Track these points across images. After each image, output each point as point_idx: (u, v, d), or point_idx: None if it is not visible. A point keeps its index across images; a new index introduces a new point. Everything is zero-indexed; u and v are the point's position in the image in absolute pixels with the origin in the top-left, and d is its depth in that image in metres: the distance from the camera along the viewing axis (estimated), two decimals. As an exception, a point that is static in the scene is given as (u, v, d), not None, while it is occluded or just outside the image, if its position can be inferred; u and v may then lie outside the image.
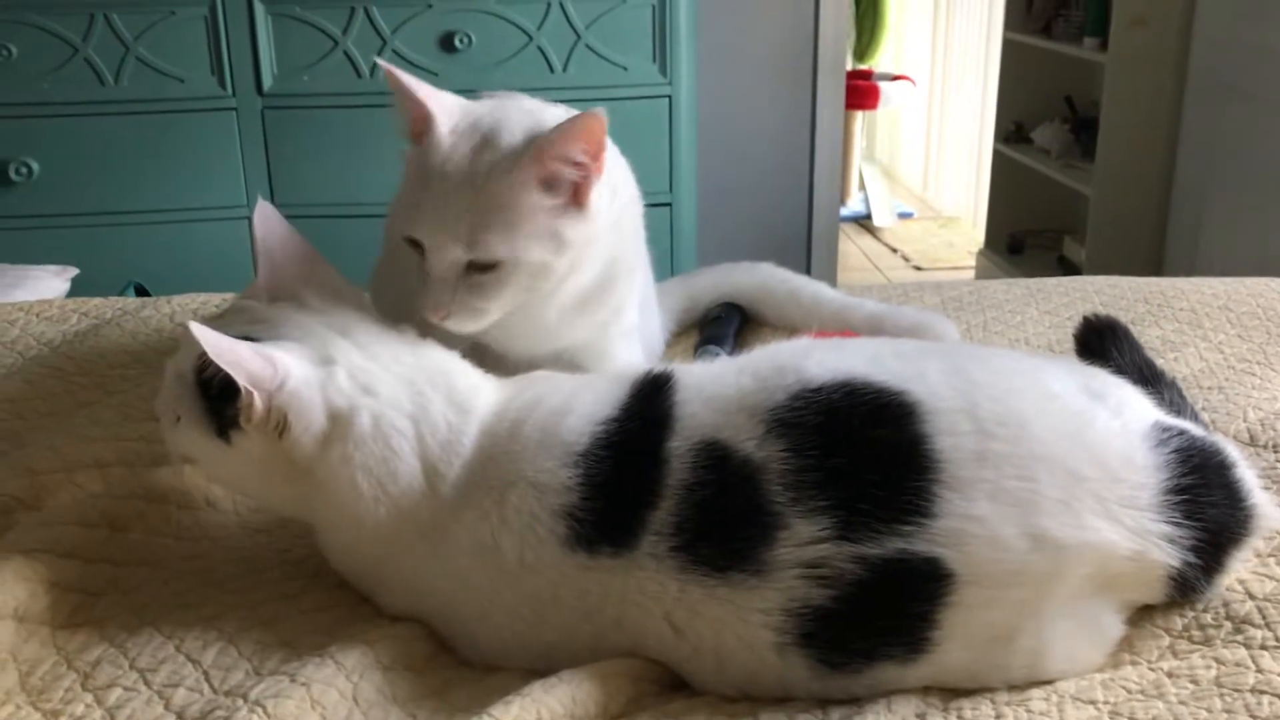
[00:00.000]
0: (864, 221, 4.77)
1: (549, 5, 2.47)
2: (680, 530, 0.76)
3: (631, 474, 0.79)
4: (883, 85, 4.70)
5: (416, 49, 2.48)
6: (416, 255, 0.93)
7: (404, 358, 0.87)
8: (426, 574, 0.83)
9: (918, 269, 4.32)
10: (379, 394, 0.84)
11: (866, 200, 4.83)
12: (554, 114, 0.96)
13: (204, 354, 0.81)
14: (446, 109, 0.92)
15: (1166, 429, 0.80)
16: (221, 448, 0.84)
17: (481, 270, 0.92)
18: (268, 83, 2.47)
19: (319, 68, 2.48)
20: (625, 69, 2.53)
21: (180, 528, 0.96)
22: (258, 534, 0.97)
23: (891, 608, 0.73)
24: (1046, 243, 3.88)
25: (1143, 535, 0.74)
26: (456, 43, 2.47)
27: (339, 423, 0.82)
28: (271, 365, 0.81)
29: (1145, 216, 3.28)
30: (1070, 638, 0.75)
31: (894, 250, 4.49)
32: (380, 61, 0.91)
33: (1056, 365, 0.85)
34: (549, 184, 0.91)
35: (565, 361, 1.04)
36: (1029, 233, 3.97)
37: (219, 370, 0.80)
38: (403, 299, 0.96)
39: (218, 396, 0.82)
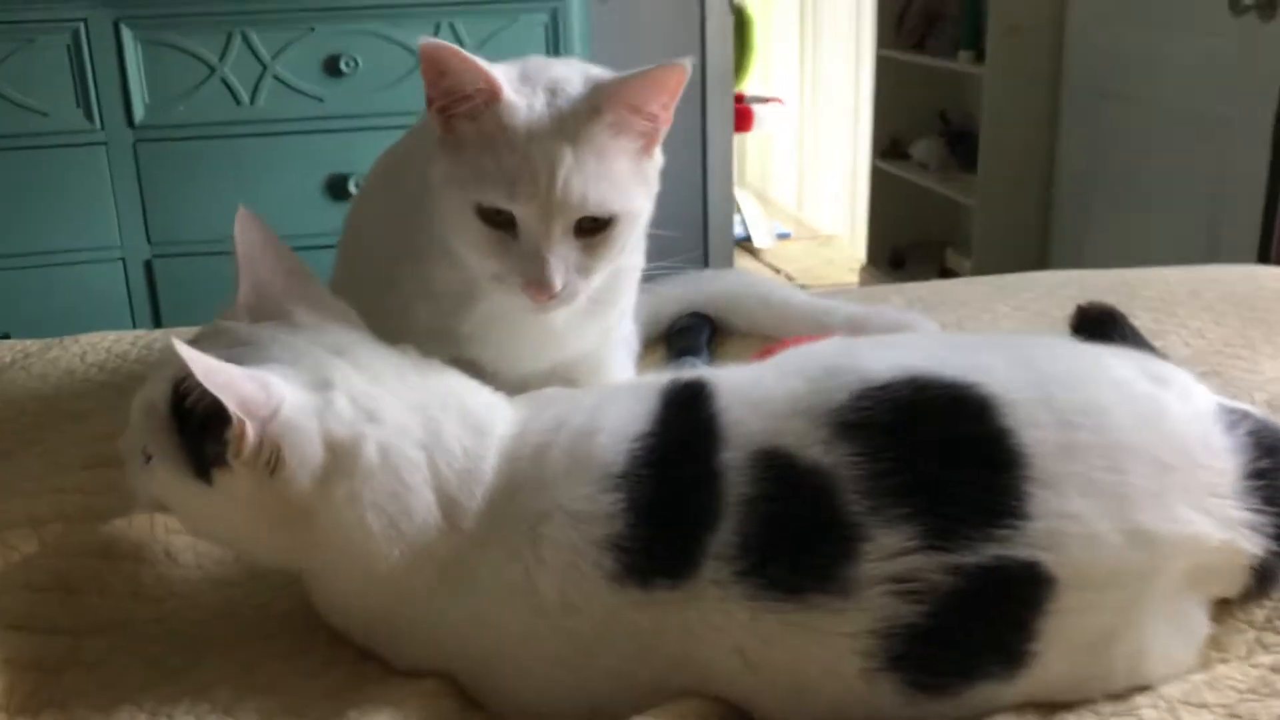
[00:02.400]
0: (744, 244, 4.77)
1: (438, 25, 2.39)
2: (746, 552, 0.68)
3: (682, 493, 0.70)
4: (755, 108, 4.72)
5: (299, 74, 2.36)
6: (491, 234, 0.84)
7: (410, 379, 0.77)
8: (449, 621, 0.74)
9: (804, 287, 4.34)
10: (385, 421, 0.74)
11: (744, 223, 4.84)
12: (579, 65, 0.89)
13: (181, 381, 0.71)
14: (499, 70, 0.84)
15: (1232, 411, 0.76)
16: (201, 490, 0.72)
17: (589, 231, 0.84)
18: (139, 114, 2.32)
19: (195, 96, 2.34)
20: (520, 89, 2.45)
21: (140, 586, 0.84)
22: (228, 587, 0.86)
23: (990, 620, 0.66)
24: (928, 255, 3.93)
25: (1230, 525, 0.70)
26: (342, 66, 2.36)
27: (341, 456, 0.72)
28: (264, 390, 0.71)
29: (1028, 223, 3.34)
30: (1167, 638, 0.70)
31: (777, 270, 4.50)
32: (422, 39, 0.82)
33: (1110, 350, 0.81)
34: (630, 130, 0.85)
35: (559, 377, 0.95)
36: (910, 246, 4.02)
37: (200, 399, 0.69)
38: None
39: (197, 430, 0.71)
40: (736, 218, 4.79)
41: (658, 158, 0.88)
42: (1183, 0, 2.64)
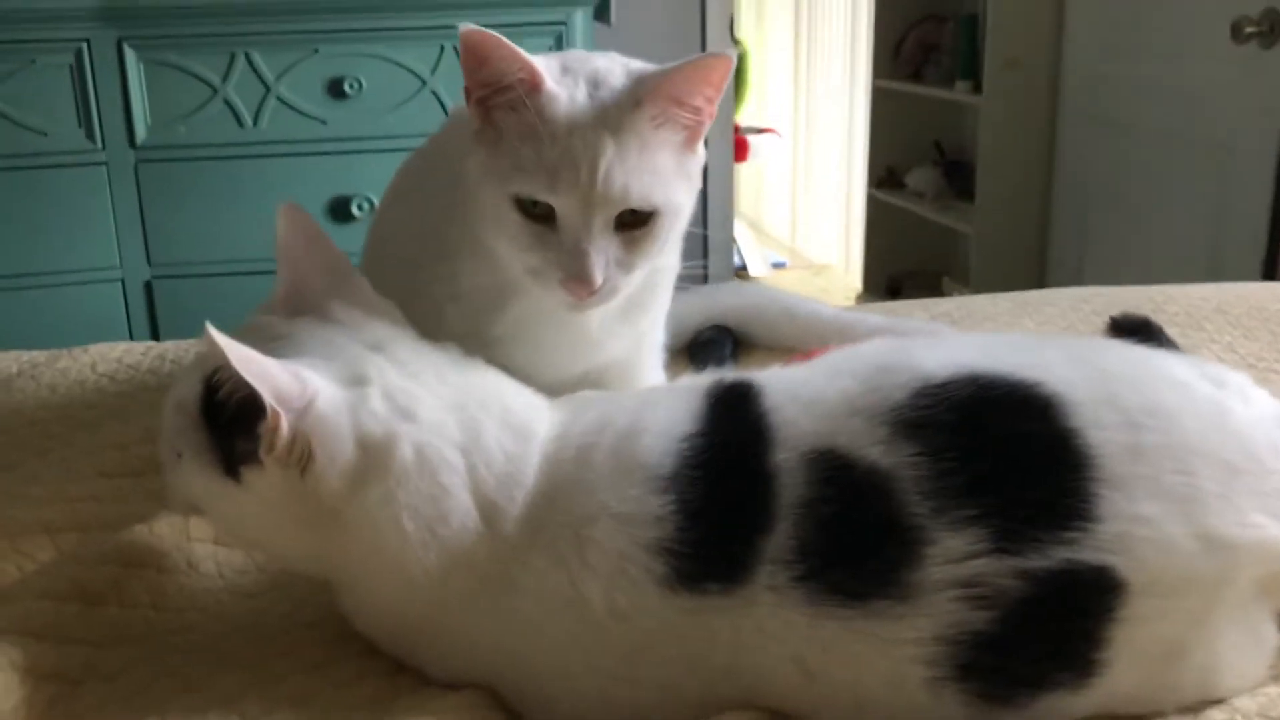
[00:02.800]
0: (740, 273, 4.77)
1: (442, 48, 2.38)
2: (803, 555, 0.65)
3: (734, 495, 0.68)
4: (750, 138, 4.74)
5: (303, 95, 2.34)
6: (530, 228, 0.82)
7: (450, 377, 0.75)
8: (489, 630, 0.71)
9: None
10: (420, 419, 0.71)
11: (739, 252, 4.84)
12: (620, 58, 0.87)
13: (212, 375, 0.69)
14: (540, 61, 0.82)
15: None
16: (231, 489, 0.70)
17: (630, 226, 0.82)
18: (141, 135, 2.30)
19: (197, 117, 2.32)
20: (523, 112, 2.44)
21: (161, 596, 0.81)
22: (250, 599, 0.83)
23: (1060, 627, 0.64)
24: (924, 284, 3.93)
25: None
26: (346, 88, 2.34)
27: (375, 455, 0.70)
28: (299, 381, 0.68)
29: (1026, 251, 3.34)
30: (1238, 649, 0.68)
31: (772, 299, 4.50)
32: (463, 26, 0.80)
33: (1168, 352, 0.79)
34: (673, 123, 0.83)
35: (590, 383, 0.93)
36: (906, 275, 4.02)
37: (233, 393, 0.67)
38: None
39: (228, 426, 0.69)
40: (732, 246, 4.80)
41: (700, 153, 0.86)
42: (1183, 29, 2.65)
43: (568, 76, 0.82)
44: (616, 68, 0.84)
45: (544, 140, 0.80)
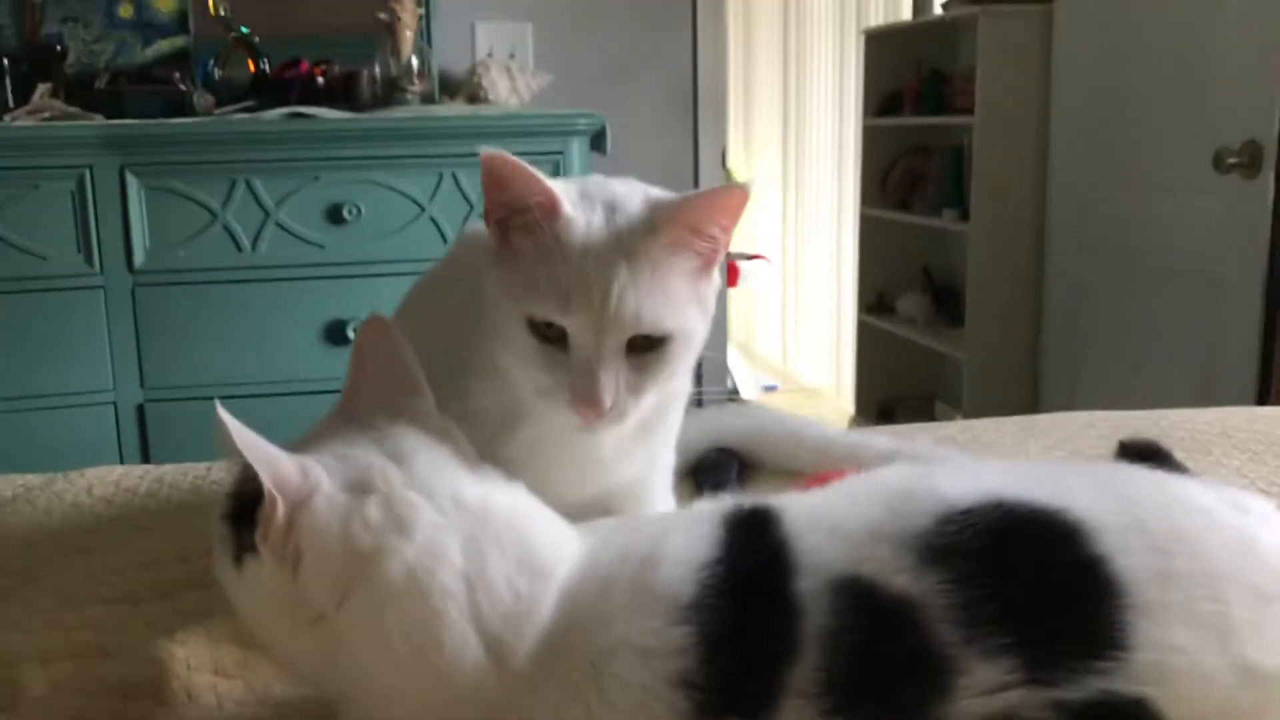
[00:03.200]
0: (731, 396, 4.78)
1: (440, 176, 2.41)
2: (830, 689, 0.63)
3: (757, 625, 0.66)
4: (741, 264, 4.79)
5: (302, 220, 2.37)
6: (542, 348, 0.82)
7: (469, 502, 0.73)
8: None
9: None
10: (414, 537, 0.68)
11: (731, 376, 4.86)
12: (639, 186, 0.88)
13: (244, 467, 0.68)
14: (559, 185, 0.83)
15: None
16: (235, 576, 0.69)
17: (642, 350, 0.82)
18: (139, 259, 2.31)
19: (196, 242, 2.34)
20: (520, 239, 2.46)
21: (158, 731, 0.79)
22: (251, 733, 0.80)
23: None
24: (916, 408, 3.94)
25: None
26: (345, 214, 2.37)
27: (361, 565, 0.67)
28: (303, 473, 0.67)
29: (1018, 376, 3.37)
30: None
31: (763, 423, 4.50)
32: (484, 150, 0.81)
33: (1185, 478, 0.78)
34: (687, 250, 0.83)
35: (601, 505, 0.92)
36: (898, 399, 4.04)
37: (249, 481, 0.66)
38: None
39: (242, 514, 0.68)
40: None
41: (715, 280, 0.87)
42: (1166, 161, 2.71)
43: (585, 201, 0.83)
44: (635, 194, 0.85)
45: (558, 263, 0.81)
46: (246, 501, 0.69)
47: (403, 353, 0.79)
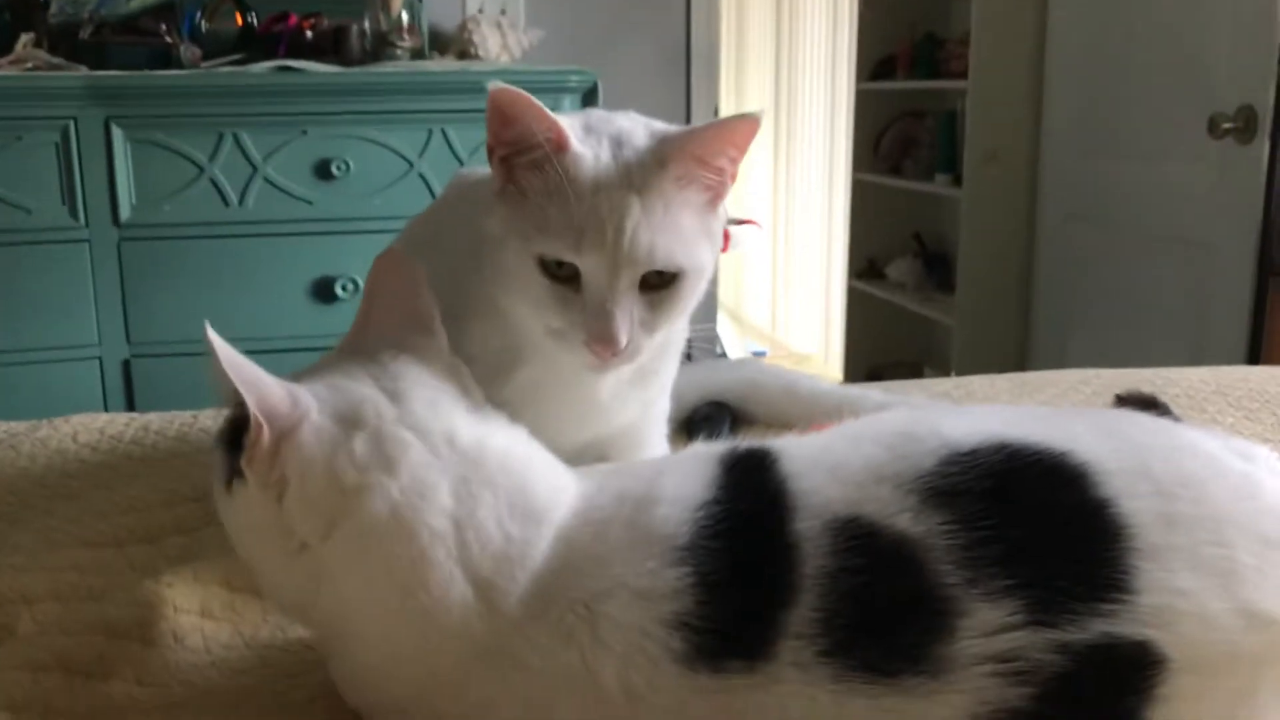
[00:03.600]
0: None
1: (430, 131, 2.39)
2: (829, 630, 0.62)
3: (754, 566, 0.65)
4: (731, 229, 4.77)
5: (290, 176, 2.34)
6: (554, 288, 0.81)
7: (463, 441, 0.71)
8: (493, 706, 0.67)
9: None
10: (401, 476, 0.67)
11: (719, 343, 4.85)
12: (641, 119, 0.87)
13: (237, 391, 0.66)
14: (564, 120, 0.81)
15: None
16: (228, 502, 0.69)
17: (655, 287, 0.81)
18: (125, 213, 2.29)
19: (183, 196, 2.31)
20: (511, 197, 2.44)
21: (145, 670, 0.77)
22: (239, 675, 0.79)
23: (1100, 704, 0.61)
24: (905, 374, 3.93)
25: None
26: (333, 169, 2.34)
27: (344, 499, 0.67)
28: (292, 401, 0.67)
29: (1007, 342, 3.36)
30: None
31: (752, 388, 4.49)
32: (493, 84, 0.79)
33: (1190, 426, 0.78)
34: (696, 183, 0.81)
35: (596, 451, 0.91)
36: (887, 365, 4.03)
37: (245, 409, 0.66)
38: None
39: (234, 439, 0.68)
40: (711, 337, 4.80)
41: (723, 213, 0.85)
42: (1160, 126, 2.70)
43: (591, 136, 0.82)
44: (639, 128, 0.84)
45: (570, 200, 0.79)
46: (239, 426, 0.68)
47: (418, 290, 0.78)
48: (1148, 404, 0.98)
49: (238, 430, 0.68)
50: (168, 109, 2.29)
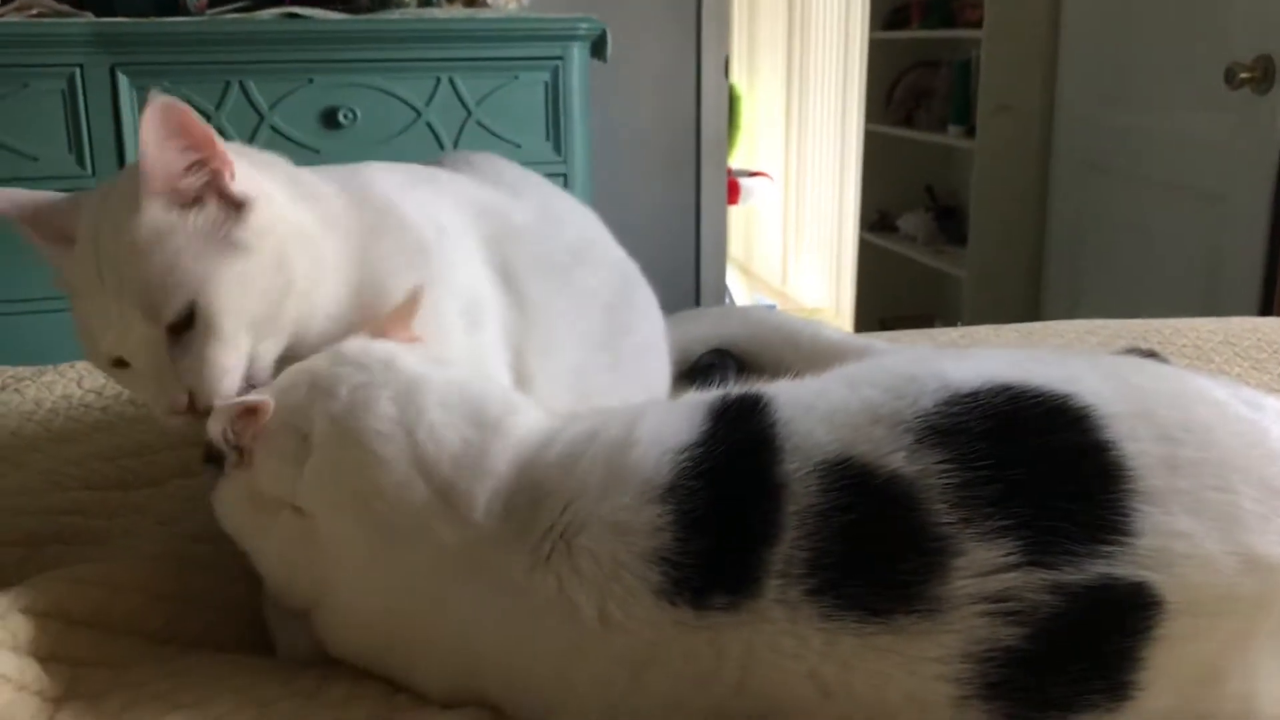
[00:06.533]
0: (729, 314, 4.77)
1: (438, 80, 2.37)
2: (817, 568, 0.62)
3: (737, 505, 0.65)
4: (742, 181, 4.75)
5: (297, 125, 2.33)
6: (123, 376, 0.80)
7: (403, 364, 0.75)
8: (474, 627, 0.68)
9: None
10: (340, 395, 0.72)
11: (729, 296, 4.83)
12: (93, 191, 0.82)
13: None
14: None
15: None
16: (222, 504, 0.75)
17: (179, 331, 0.76)
18: (132, 161, 2.27)
19: (190, 145, 2.30)
20: (519, 146, 2.43)
21: (144, 622, 0.78)
22: (242, 628, 0.80)
23: (1095, 645, 0.61)
24: (916, 327, 3.91)
25: None
26: (340, 118, 2.33)
27: (302, 444, 0.72)
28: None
29: (1019, 296, 3.34)
30: (1277, 678, 0.65)
31: (762, 342, 4.48)
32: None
33: (1197, 373, 0.77)
34: (185, 198, 0.76)
35: None
36: (897, 318, 4.02)
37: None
38: None
39: (212, 457, 0.76)
40: (722, 290, 4.79)
41: (255, 211, 0.78)
42: (1176, 76, 2.66)
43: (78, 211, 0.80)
44: (123, 177, 0.80)
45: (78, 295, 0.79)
46: (213, 450, 0.74)
47: None
48: (1151, 357, 0.97)
49: (213, 452, 0.74)
50: (174, 56, 2.27)
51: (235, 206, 0.77)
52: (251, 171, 0.79)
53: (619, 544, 0.66)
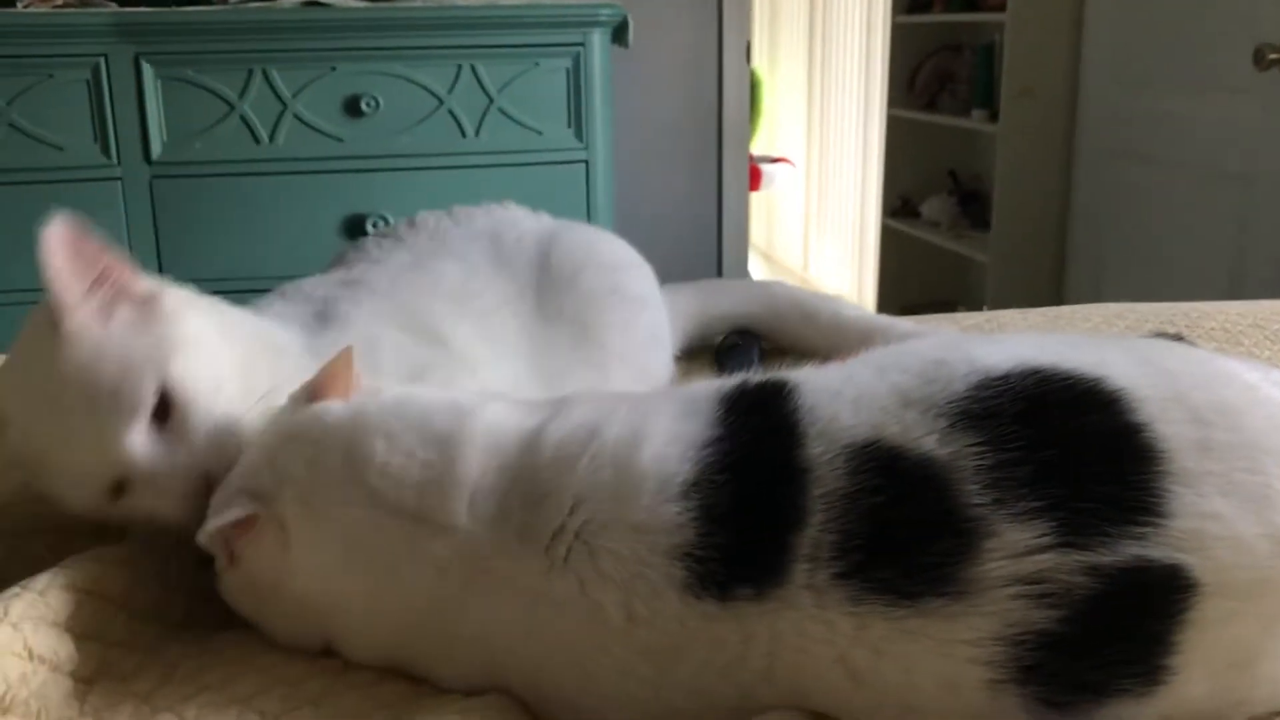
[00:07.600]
0: (751, 301, 4.76)
1: (459, 68, 2.37)
2: (844, 552, 0.62)
3: (761, 493, 0.65)
4: (764, 167, 4.73)
5: (319, 113, 2.34)
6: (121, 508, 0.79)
7: (333, 421, 0.74)
8: (493, 628, 0.68)
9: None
10: (293, 475, 0.72)
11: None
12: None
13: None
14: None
15: None
16: (229, 593, 0.76)
17: (163, 419, 0.77)
18: (156, 150, 2.29)
19: (213, 134, 2.31)
20: (540, 133, 2.43)
21: (170, 608, 0.79)
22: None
23: (1129, 628, 0.61)
24: (938, 312, 3.90)
25: None
26: (363, 106, 2.33)
27: (279, 530, 0.72)
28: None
29: (1042, 281, 3.33)
30: None
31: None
32: None
33: (1229, 357, 0.76)
34: (107, 300, 0.79)
35: None
36: (920, 304, 4.00)
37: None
38: None
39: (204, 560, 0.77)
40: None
41: (164, 302, 0.82)
42: (1203, 58, 2.64)
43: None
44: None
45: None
46: (205, 555, 0.74)
47: None
48: (1178, 342, 0.96)
49: (204, 556, 0.74)
50: (197, 45, 2.28)
51: (145, 302, 0.81)
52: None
53: (641, 543, 0.65)
